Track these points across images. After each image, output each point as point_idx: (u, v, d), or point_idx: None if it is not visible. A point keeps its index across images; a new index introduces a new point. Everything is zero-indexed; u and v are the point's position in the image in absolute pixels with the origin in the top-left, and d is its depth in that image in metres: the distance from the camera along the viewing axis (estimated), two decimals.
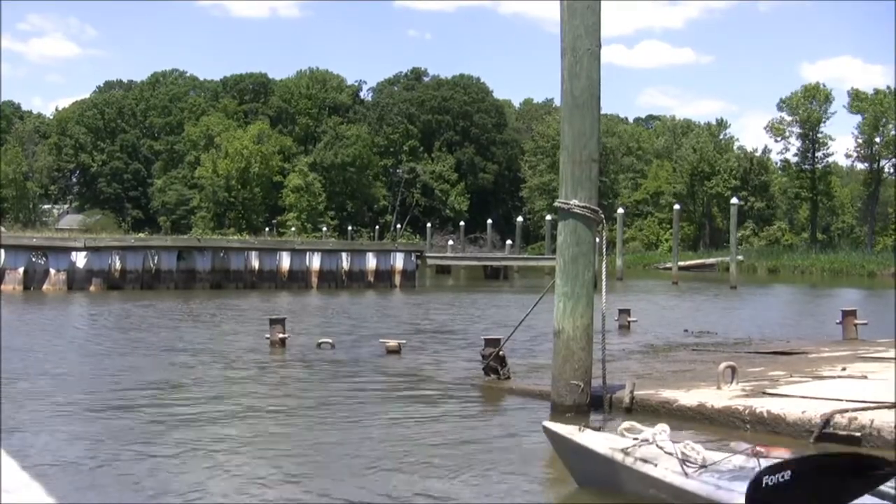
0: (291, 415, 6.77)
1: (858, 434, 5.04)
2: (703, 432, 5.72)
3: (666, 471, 4.06)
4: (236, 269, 25.07)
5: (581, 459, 4.52)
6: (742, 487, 3.61)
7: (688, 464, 4.02)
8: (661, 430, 4.30)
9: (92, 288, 22.22)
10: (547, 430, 4.79)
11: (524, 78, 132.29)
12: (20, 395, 7.28)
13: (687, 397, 6.17)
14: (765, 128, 68.13)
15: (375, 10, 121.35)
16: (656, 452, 4.17)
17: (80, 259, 22.68)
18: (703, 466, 4.00)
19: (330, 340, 10.82)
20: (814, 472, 3.39)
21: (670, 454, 4.08)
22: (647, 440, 4.28)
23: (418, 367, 9.20)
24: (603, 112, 6.95)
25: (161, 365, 9.23)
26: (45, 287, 22.05)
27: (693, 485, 3.89)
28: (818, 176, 64.38)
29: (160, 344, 11.19)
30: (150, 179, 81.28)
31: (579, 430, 4.63)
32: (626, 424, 4.55)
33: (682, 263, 41.56)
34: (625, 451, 4.30)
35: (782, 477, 3.28)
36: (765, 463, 3.78)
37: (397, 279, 27.24)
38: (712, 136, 69.81)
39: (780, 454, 3.95)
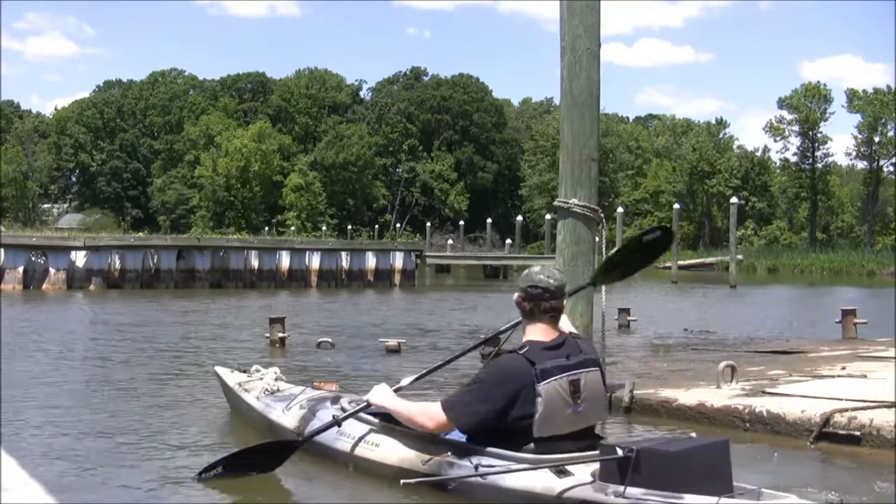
0: None
1: (858, 433, 5.04)
2: (701, 431, 5.72)
3: (249, 396, 5.48)
4: (236, 268, 25.06)
5: (226, 392, 5.98)
6: (279, 406, 5.12)
7: (265, 392, 5.39)
8: (272, 371, 5.66)
9: (91, 287, 22.22)
10: (215, 373, 6.19)
11: (523, 77, 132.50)
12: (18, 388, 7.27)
13: (686, 396, 6.17)
14: (764, 128, 68.19)
15: (375, 9, 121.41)
16: (260, 385, 5.53)
17: (79, 258, 22.67)
18: (272, 393, 5.37)
19: (330, 339, 10.81)
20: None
21: (263, 387, 5.47)
22: (260, 378, 5.62)
23: (418, 366, 9.19)
24: (602, 111, 6.94)
25: (158, 362, 9.22)
26: (44, 286, 22.05)
27: (254, 402, 5.36)
28: (818, 175, 64.37)
29: (158, 342, 11.18)
30: (150, 179, 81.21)
31: (231, 372, 5.99)
32: (256, 367, 5.85)
33: (681, 263, 41.60)
34: (239, 384, 5.69)
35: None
36: (312, 393, 5.18)
37: (397, 278, 27.24)
38: (711, 136, 69.81)
39: (329, 388, 5.34)
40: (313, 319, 15.06)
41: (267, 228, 66.91)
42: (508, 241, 50.42)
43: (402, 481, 3.91)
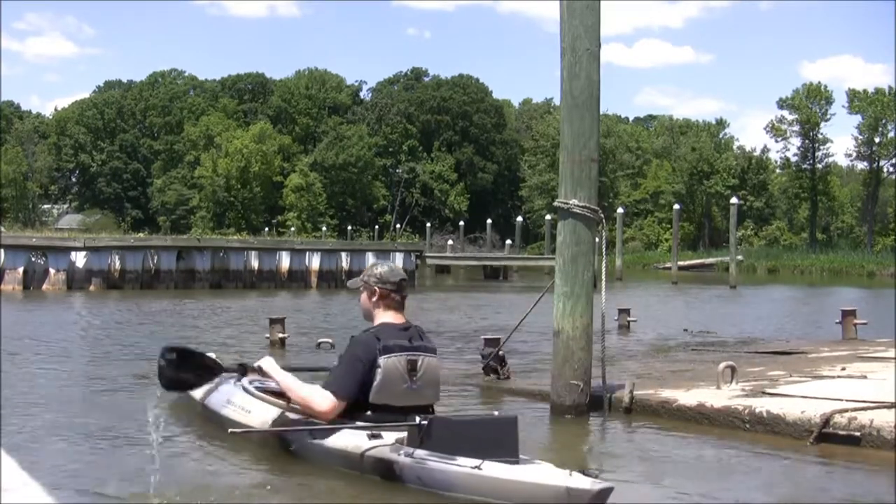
0: None
1: (858, 433, 5.04)
2: (701, 432, 5.72)
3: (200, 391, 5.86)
4: (236, 268, 25.05)
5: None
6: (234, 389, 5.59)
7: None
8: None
9: (91, 288, 22.22)
10: None
11: (523, 78, 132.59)
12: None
13: (686, 397, 6.17)
14: (765, 128, 68.21)
15: (375, 9, 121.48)
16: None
17: (79, 259, 22.66)
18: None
19: (330, 340, 10.80)
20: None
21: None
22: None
23: None
24: (602, 111, 6.92)
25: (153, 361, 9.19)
26: (44, 287, 22.04)
27: (198, 395, 5.83)
28: (818, 176, 64.37)
29: (156, 341, 11.16)
30: (150, 179, 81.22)
31: None
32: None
33: (681, 263, 41.57)
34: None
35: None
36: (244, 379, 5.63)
37: None
38: (711, 136, 69.84)
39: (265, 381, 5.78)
40: (313, 320, 15.06)
41: (267, 229, 66.90)
42: (508, 241, 50.41)
43: (229, 430, 4.50)
